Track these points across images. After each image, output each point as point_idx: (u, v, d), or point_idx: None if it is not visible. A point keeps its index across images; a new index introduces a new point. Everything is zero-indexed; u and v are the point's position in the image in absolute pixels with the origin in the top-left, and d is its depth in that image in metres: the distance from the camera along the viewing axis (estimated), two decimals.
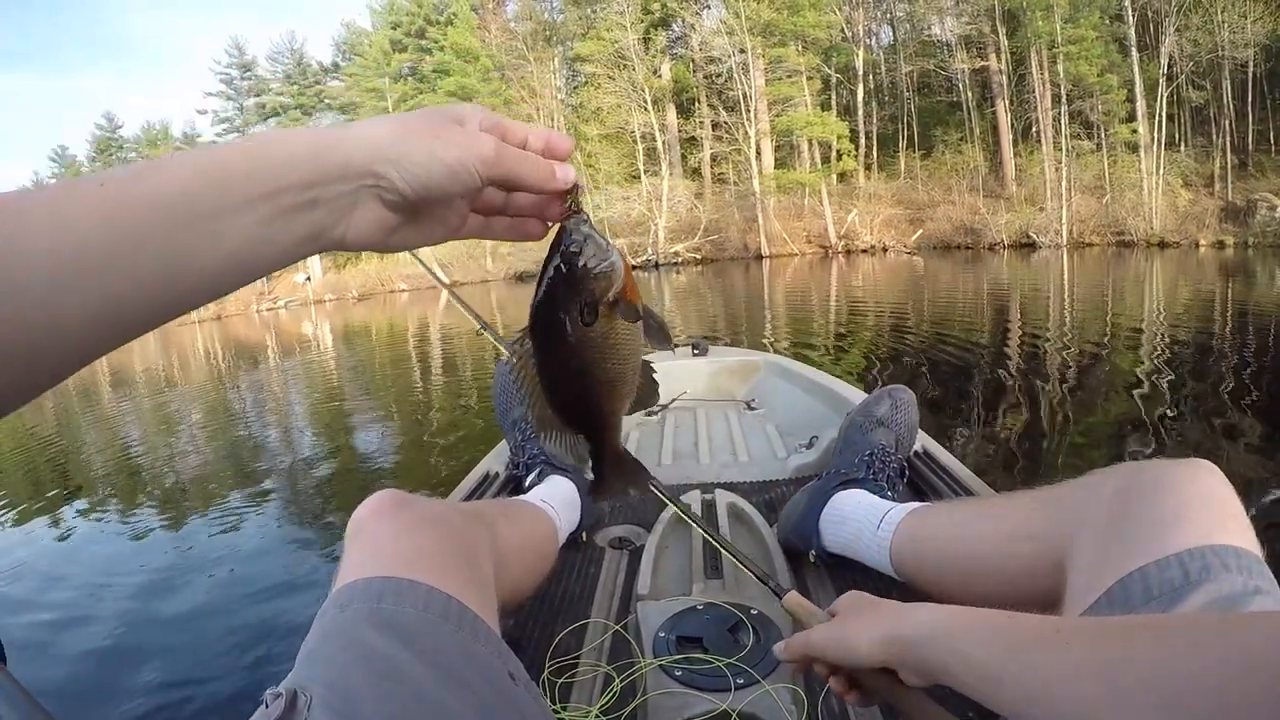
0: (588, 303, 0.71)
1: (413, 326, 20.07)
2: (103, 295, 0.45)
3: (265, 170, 0.51)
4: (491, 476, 2.20)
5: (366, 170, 0.55)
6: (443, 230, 0.66)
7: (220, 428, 9.11)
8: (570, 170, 0.66)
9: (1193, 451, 4.54)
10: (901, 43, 40.38)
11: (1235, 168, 30.21)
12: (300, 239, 0.54)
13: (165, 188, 0.48)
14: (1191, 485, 0.95)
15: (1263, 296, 13.40)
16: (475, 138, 0.59)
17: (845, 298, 15.75)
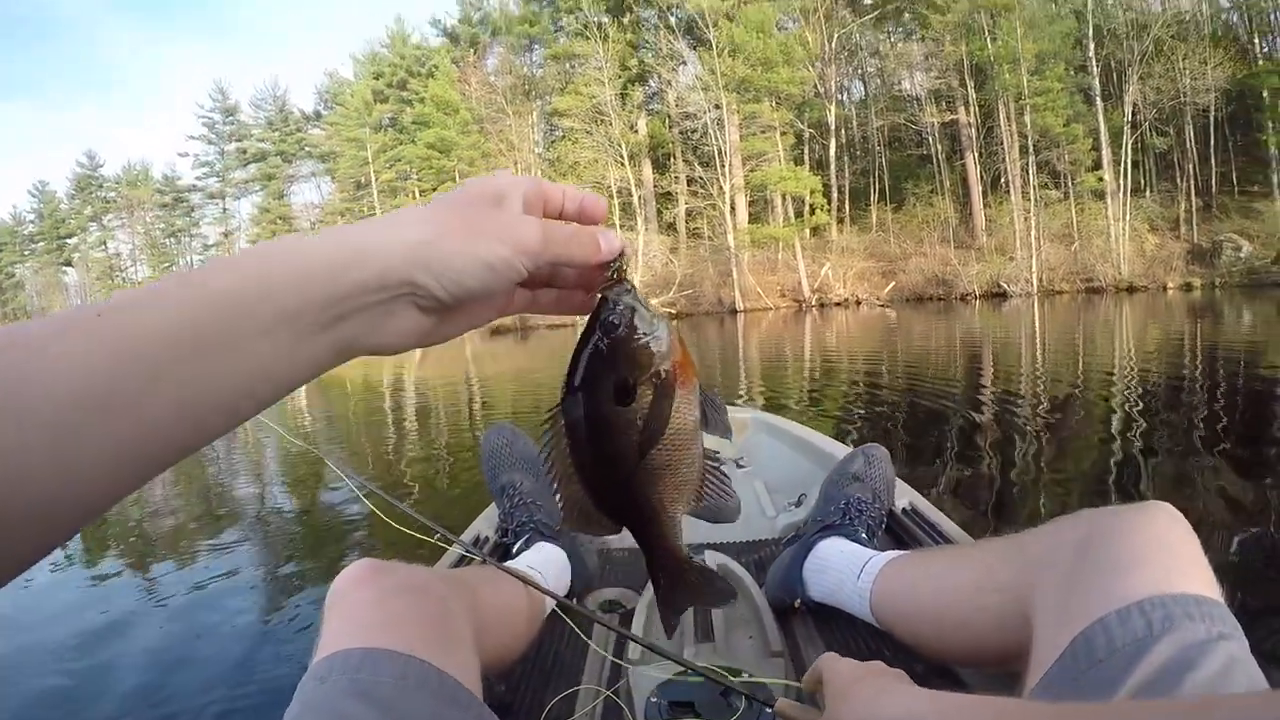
0: (624, 380, 0.64)
1: (388, 378, 19.91)
2: (112, 438, 0.40)
3: (282, 291, 0.46)
4: (481, 541, 2.18)
5: (404, 281, 0.50)
6: (487, 316, 0.62)
7: (191, 478, 8.94)
8: (614, 238, 0.61)
9: (1167, 492, 4.49)
10: (873, 97, 41.62)
11: (1200, 210, 31.39)
12: (327, 353, 0.49)
13: (169, 319, 0.43)
14: (1148, 530, 0.96)
15: (1231, 335, 13.62)
16: (517, 228, 0.54)
17: (820, 351, 15.76)
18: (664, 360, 0.64)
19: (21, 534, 0.38)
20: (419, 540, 1.91)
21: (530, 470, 2.07)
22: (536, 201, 0.59)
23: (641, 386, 0.64)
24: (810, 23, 37.02)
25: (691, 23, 34.69)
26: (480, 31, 48.64)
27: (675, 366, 0.65)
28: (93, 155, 68.05)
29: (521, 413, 11.05)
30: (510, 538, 1.96)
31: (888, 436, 6.69)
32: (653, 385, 0.64)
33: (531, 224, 0.55)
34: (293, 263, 0.47)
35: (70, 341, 0.40)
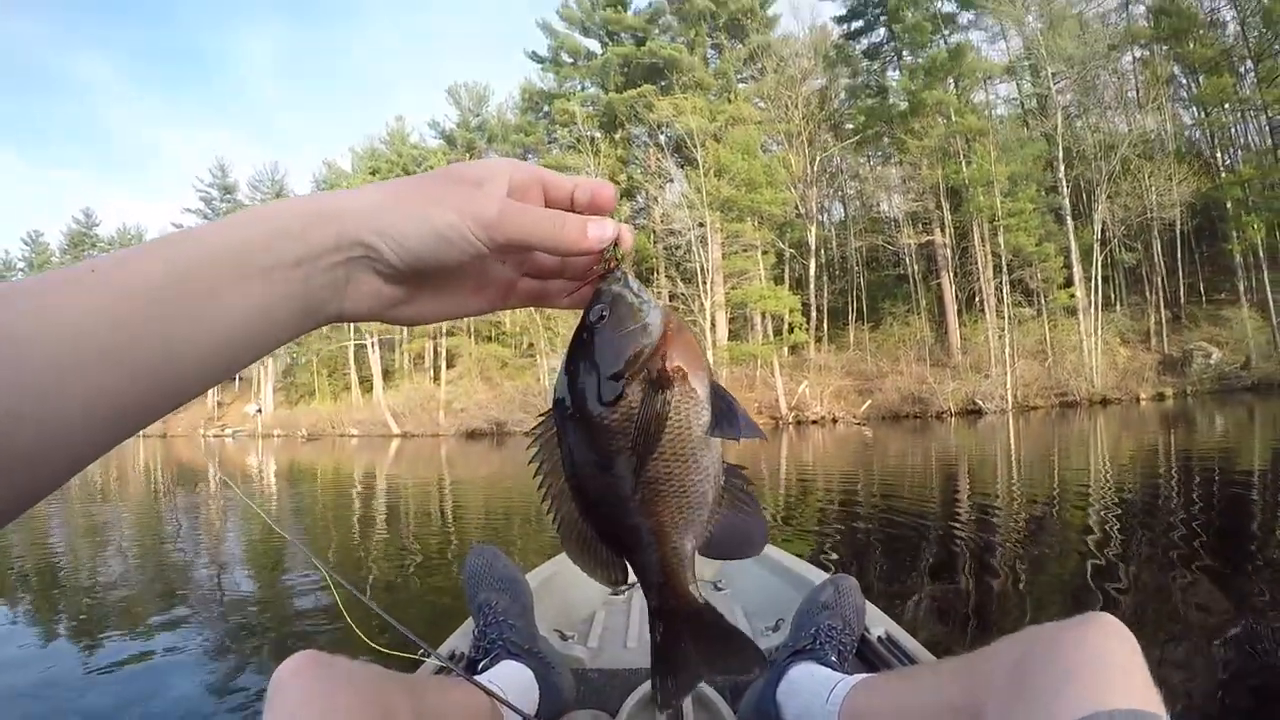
0: (609, 374, 0.57)
1: (360, 473, 19.75)
2: (100, 385, 0.42)
3: (255, 246, 0.49)
4: (458, 656, 2.14)
5: (355, 241, 0.51)
6: (477, 300, 0.62)
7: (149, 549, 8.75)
8: (606, 226, 0.57)
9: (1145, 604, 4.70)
10: (852, 219, 42.72)
11: (1170, 321, 32.20)
12: (297, 314, 0.51)
13: (155, 270, 0.45)
14: (1083, 645, 0.94)
15: (1203, 442, 13.90)
16: (477, 200, 0.53)
17: (796, 469, 15.70)
18: (655, 351, 0.58)
19: (11, 477, 0.39)
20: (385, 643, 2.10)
21: (507, 590, 2.08)
22: (529, 187, 0.58)
23: (629, 382, 0.57)
24: (793, 146, 38.30)
25: (680, 142, 35.66)
26: (477, 137, 49.71)
27: (671, 358, 0.58)
28: (89, 214, 68.85)
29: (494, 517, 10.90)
30: (480, 654, 1.95)
31: (864, 555, 6.71)
32: (643, 380, 0.57)
33: (492, 199, 0.54)
34: (266, 223, 0.49)
35: (67, 293, 0.42)
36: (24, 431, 0.40)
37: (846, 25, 41.17)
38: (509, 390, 36.21)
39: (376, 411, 41.58)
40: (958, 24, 38.50)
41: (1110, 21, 37.02)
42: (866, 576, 5.88)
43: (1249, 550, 5.88)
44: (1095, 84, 35.58)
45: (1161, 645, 4.03)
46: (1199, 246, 34.97)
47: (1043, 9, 34.40)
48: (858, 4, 40.19)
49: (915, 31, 35.93)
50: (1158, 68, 34.26)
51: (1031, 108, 37.25)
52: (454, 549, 8.29)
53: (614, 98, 39.89)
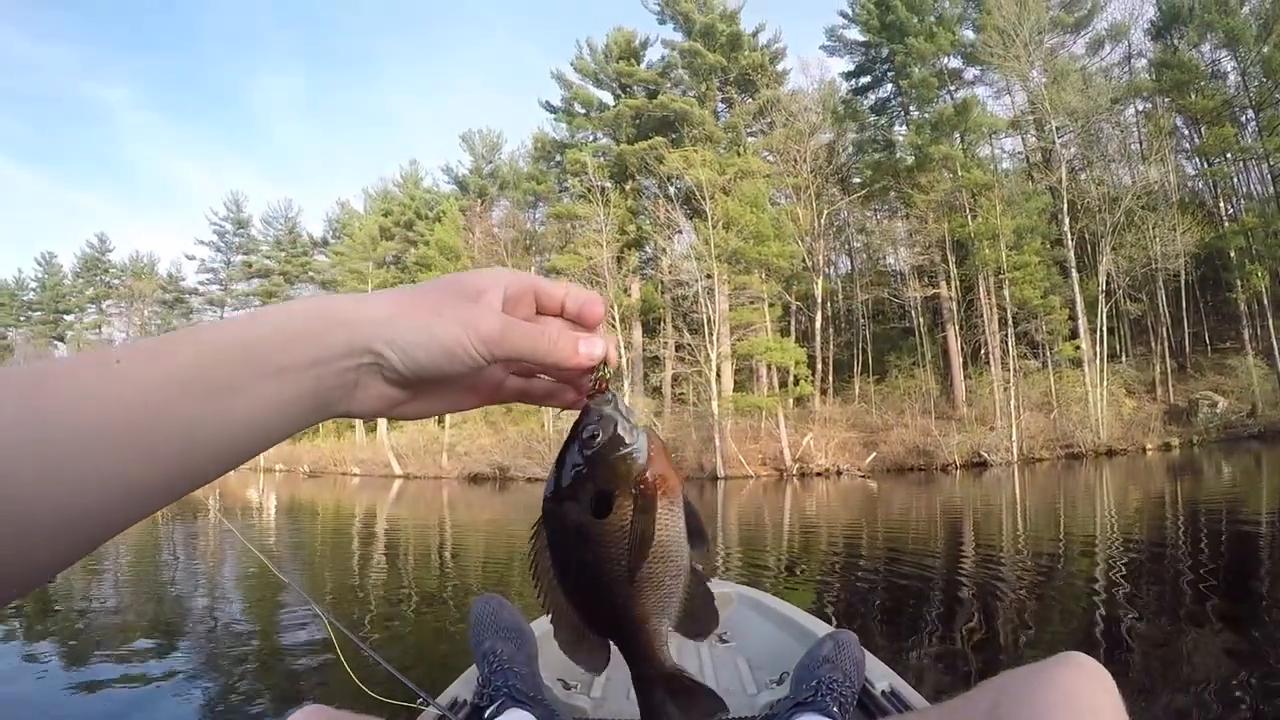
0: (601, 492, 0.64)
1: (360, 511, 19.76)
2: (122, 470, 0.44)
3: (275, 346, 0.51)
4: (459, 704, 2.16)
5: (366, 349, 0.54)
6: (471, 399, 0.66)
7: (144, 582, 8.81)
8: (596, 345, 0.62)
9: (1149, 654, 4.70)
10: (858, 272, 42.82)
11: (1175, 371, 32.08)
12: (308, 410, 0.54)
13: (181, 364, 0.48)
14: (1053, 688, 0.97)
15: (1210, 491, 13.78)
16: (479, 316, 0.57)
17: (800, 521, 15.69)
18: (642, 472, 0.64)
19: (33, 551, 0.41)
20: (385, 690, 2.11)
21: (512, 639, 2.12)
22: (523, 296, 0.62)
23: (620, 499, 0.64)
24: (801, 199, 38.51)
25: (689, 194, 35.83)
26: (489, 184, 50.28)
27: (655, 478, 0.64)
28: (104, 238, 69.66)
29: (496, 563, 11.03)
30: (485, 701, 1.98)
31: (867, 607, 6.72)
32: (632, 497, 0.64)
33: (492, 315, 0.57)
34: (283, 324, 0.52)
35: (98, 381, 0.45)
36: (47, 509, 0.41)
37: (854, 81, 41.84)
38: (513, 435, 36.10)
39: (379, 451, 41.50)
40: (963, 79, 39.11)
41: (1113, 75, 37.46)
42: (870, 628, 5.89)
43: (1257, 601, 5.88)
44: (1099, 137, 35.93)
45: (1168, 694, 4.01)
46: (1203, 296, 35.03)
47: (1047, 64, 34.87)
48: (865, 60, 40.87)
49: (922, 87, 36.35)
50: (1160, 120, 34.54)
51: (1036, 161, 37.40)
52: (453, 594, 8.29)
53: (625, 149, 40.37)
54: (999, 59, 33.93)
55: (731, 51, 40.88)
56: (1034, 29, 33.90)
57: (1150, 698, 4.02)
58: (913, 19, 36.50)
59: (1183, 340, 34.14)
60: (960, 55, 38.17)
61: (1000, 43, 33.36)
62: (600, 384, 0.64)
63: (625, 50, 43.82)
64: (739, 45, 41.18)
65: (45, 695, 4.37)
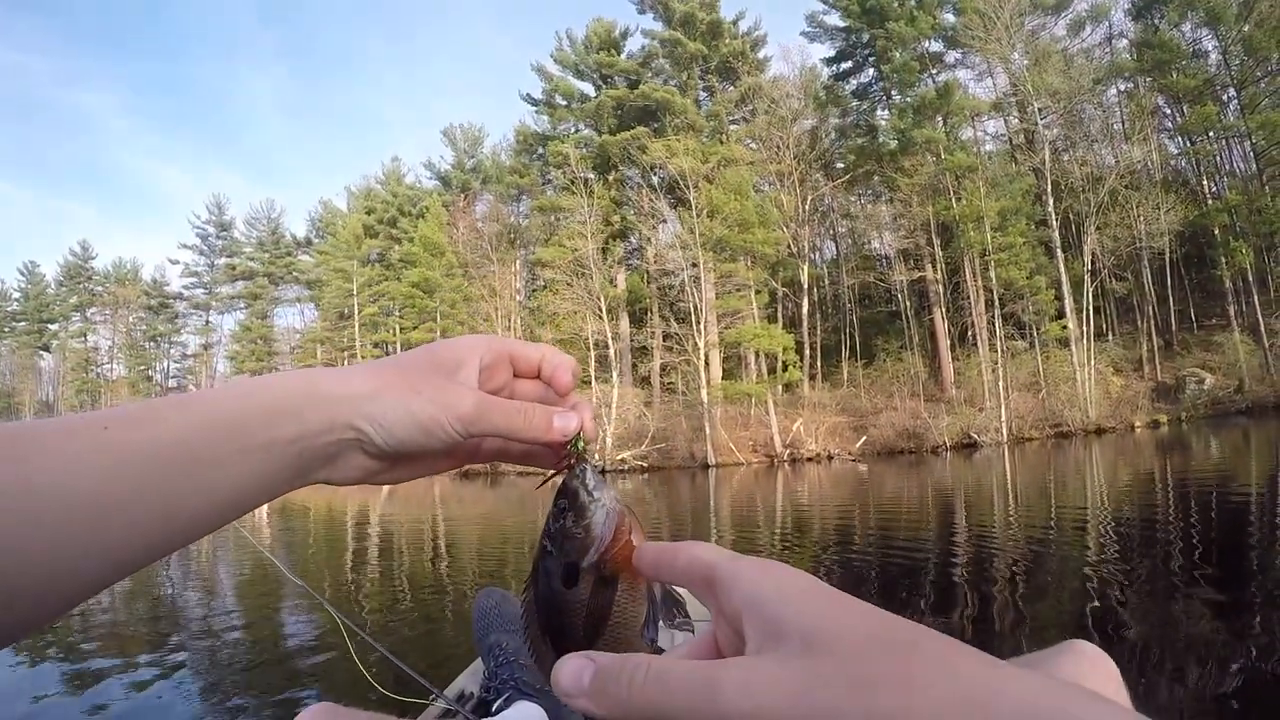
0: (569, 564, 0.65)
1: (352, 510, 19.71)
2: (101, 539, 0.45)
3: (260, 422, 0.52)
4: (466, 696, 2.21)
5: (347, 425, 0.55)
6: (448, 463, 0.66)
7: (141, 586, 8.73)
8: (570, 420, 0.63)
9: (1142, 631, 4.68)
10: (844, 257, 43.02)
11: (1161, 349, 32.33)
12: (287, 480, 0.55)
13: (167, 436, 0.48)
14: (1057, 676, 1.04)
15: (1199, 466, 13.86)
16: (454, 394, 0.58)
17: (792, 507, 15.72)
18: (599, 552, 0.64)
19: (18, 613, 0.42)
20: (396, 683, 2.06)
21: (516, 631, 2.07)
22: (499, 363, 0.63)
23: (584, 574, 0.65)
24: (785, 186, 38.64)
25: (673, 183, 35.83)
26: (472, 178, 50.28)
27: (615, 559, 0.65)
28: (86, 246, 69.30)
29: (486, 557, 10.99)
30: (492, 694, 2.01)
31: (862, 590, 6.62)
32: (594, 574, 0.65)
33: (468, 394, 0.58)
34: (267, 401, 0.53)
35: (79, 449, 0.45)
36: (33, 573, 0.42)
37: (836, 66, 41.84)
38: None
39: None
40: (945, 63, 39.14)
41: (1095, 56, 37.56)
42: None
43: (1248, 576, 5.87)
44: (1081, 118, 36.11)
45: (1163, 672, 4.00)
46: (1188, 274, 35.26)
47: (1028, 46, 34.93)
48: (846, 46, 40.84)
49: (903, 71, 36.38)
50: (1142, 99, 34.76)
51: (1019, 143, 37.53)
52: (451, 589, 8.26)
53: (607, 140, 40.33)
54: (980, 42, 33.94)
55: (712, 40, 40.85)
56: (1015, 11, 33.95)
57: (1144, 672, 4.00)
58: (893, 3, 36.60)
59: (1169, 318, 34.37)
60: (941, 39, 38.21)
61: (981, 25, 33.39)
62: (574, 457, 0.65)
63: (605, 41, 43.73)
64: (719, 33, 41.14)
65: (54, 696, 4.35)
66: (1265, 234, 30.35)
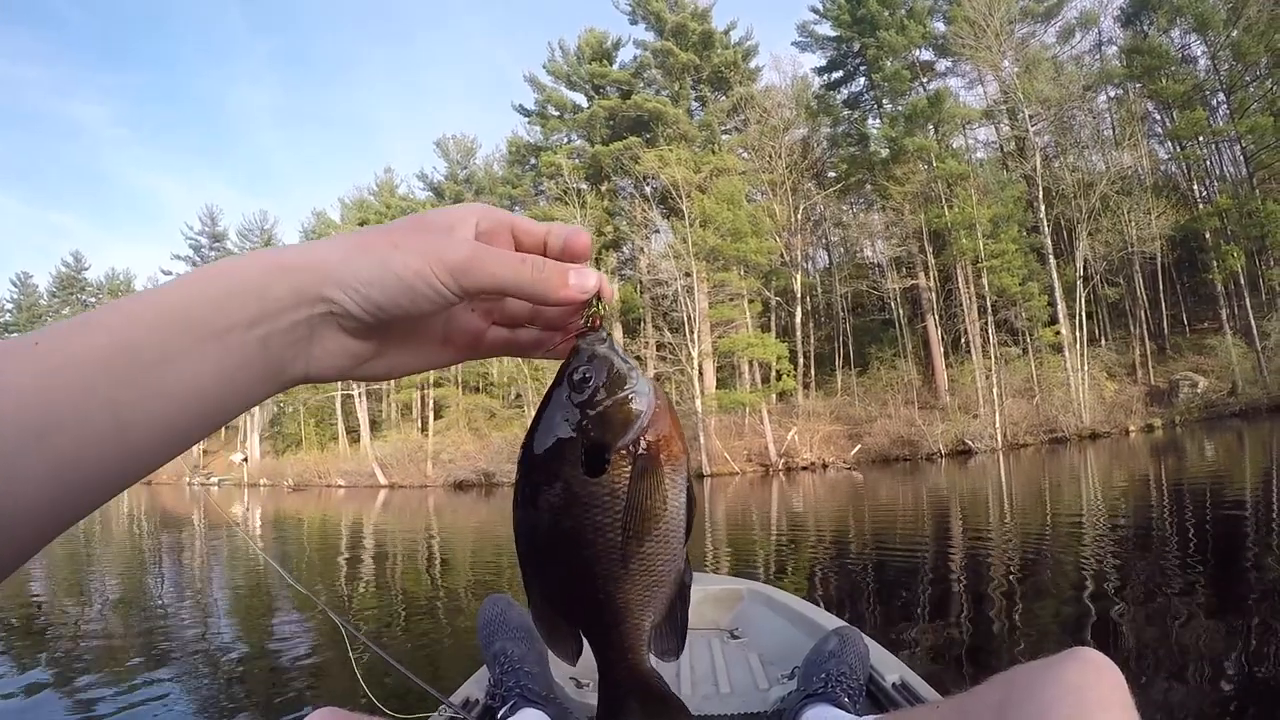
0: (595, 445, 0.54)
1: (347, 522, 19.67)
2: (52, 460, 0.40)
3: (209, 308, 0.45)
4: (472, 703, 2.16)
5: (316, 296, 0.48)
6: (447, 352, 0.59)
7: (135, 596, 8.71)
8: (587, 275, 0.54)
9: (1138, 635, 4.64)
10: (837, 265, 42.94)
11: (1154, 353, 32.50)
12: (258, 377, 0.48)
13: (102, 340, 0.42)
14: (1060, 684, 0.95)
15: (1194, 469, 13.88)
16: (443, 243, 0.50)
17: (788, 516, 15.65)
18: (644, 425, 0.54)
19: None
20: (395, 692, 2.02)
21: (522, 639, 2.08)
22: (499, 233, 0.55)
23: (618, 455, 0.54)
24: (778, 195, 38.57)
25: (665, 193, 35.87)
26: (464, 189, 50.05)
27: (660, 437, 0.55)
28: (79, 257, 69.30)
29: (480, 565, 11.00)
30: (497, 702, 1.97)
31: (858, 598, 6.73)
32: (631, 456, 0.54)
33: (461, 243, 0.50)
34: (220, 282, 0.47)
35: (8, 368, 0.40)
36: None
37: (827, 76, 41.87)
38: (497, 441, 35.98)
39: (364, 462, 41.29)
40: (936, 71, 39.31)
41: (1084, 63, 37.85)
42: (862, 618, 5.83)
43: (1244, 577, 5.88)
44: (1072, 124, 36.24)
45: (1160, 676, 3.98)
46: (1180, 278, 35.54)
47: (1018, 53, 35.14)
48: (837, 55, 40.91)
49: (894, 80, 36.51)
50: (1132, 105, 34.94)
51: (1010, 150, 37.80)
52: (448, 598, 8.24)
53: (600, 150, 40.27)
54: (970, 50, 34.13)
55: (704, 50, 40.89)
56: (1005, 19, 34.16)
57: (1141, 675, 3.96)
58: (884, 13, 36.60)
59: (1161, 322, 34.48)
60: (932, 47, 38.38)
61: (971, 34, 33.57)
62: (594, 320, 0.57)
63: (597, 51, 43.76)
64: (711, 43, 41.18)
65: (47, 705, 4.33)
66: (1256, 237, 30.44)
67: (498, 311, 0.59)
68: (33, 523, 0.40)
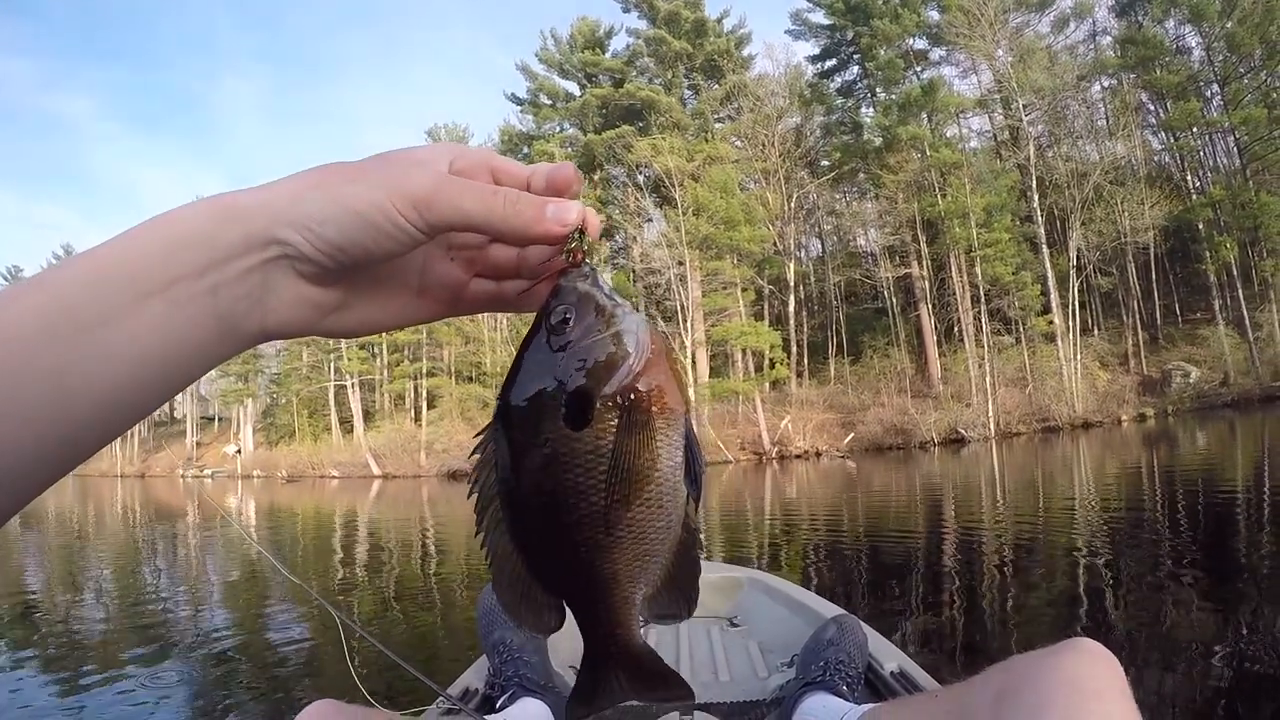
0: (578, 393, 0.47)
1: (341, 513, 19.66)
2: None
3: (152, 260, 0.41)
4: (471, 693, 2.14)
5: (268, 239, 0.43)
6: (426, 305, 0.53)
7: (128, 589, 8.70)
8: (568, 208, 0.48)
9: (1130, 623, 4.68)
10: (830, 254, 42.94)
11: (1147, 343, 32.69)
12: (212, 335, 0.43)
13: (41, 302, 0.39)
14: (1058, 673, 0.94)
15: (1186, 459, 13.96)
16: (407, 174, 0.45)
17: (781, 504, 15.69)
18: (635, 368, 0.48)
19: None
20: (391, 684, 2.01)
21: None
22: (475, 172, 0.49)
23: (602, 407, 0.47)
24: (770, 184, 38.59)
25: (659, 181, 35.84)
26: None
27: (653, 387, 0.48)
28: (69, 250, 68.11)
29: (476, 555, 10.88)
30: (497, 691, 1.97)
31: (852, 586, 6.76)
32: (619, 405, 0.47)
33: (425, 172, 0.45)
34: (163, 231, 0.42)
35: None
36: None
37: (820, 64, 41.80)
38: None
39: (357, 453, 41.23)
40: (929, 60, 39.23)
41: (1079, 53, 37.79)
42: (855, 605, 5.81)
43: (1235, 565, 5.92)
44: (1065, 114, 36.28)
45: (1152, 663, 4.00)
46: (1173, 268, 35.58)
47: (1013, 43, 35.03)
48: (831, 44, 40.80)
49: (888, 69, 36.43)
50: (1126, 96, 34.95)
51: (1004, 139, 37.69)
52: (441, 589, 8.22)
53: (592, 139, 40.22)
54: (965, 39, 34.00)
55: (697, 38, 40.76)
56: (999, 8, 34.07)
57: (1133, 663, 3.97)
58: (878, 1, 36.50)
59: (1154, 312, 34.63)
60: (926, 36, 38.26)
61: (965, 22, 33.45)
62: (575, 254, 0.50)
63: (590, 40, 43.62)
64: (704, 31, 41.06)
65: (40, 698, 4.33)
66: (1249, 228, 30.48)
67: (480, 261, 0.54)
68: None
